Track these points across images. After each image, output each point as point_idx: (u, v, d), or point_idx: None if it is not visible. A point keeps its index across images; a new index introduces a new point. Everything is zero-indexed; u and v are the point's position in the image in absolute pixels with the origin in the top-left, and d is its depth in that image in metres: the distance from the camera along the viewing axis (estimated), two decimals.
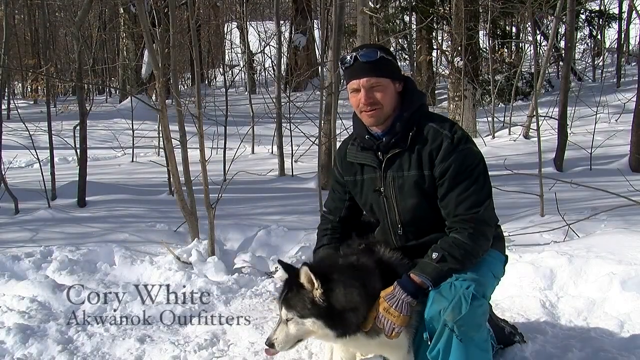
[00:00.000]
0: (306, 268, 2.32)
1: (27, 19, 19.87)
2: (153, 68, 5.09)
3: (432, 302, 2.32)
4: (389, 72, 2.53)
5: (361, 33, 6.67)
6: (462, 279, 2.33)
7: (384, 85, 2.50)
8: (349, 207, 2.80)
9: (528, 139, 10.03)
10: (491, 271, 2.54)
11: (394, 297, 2.34)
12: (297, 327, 2.36)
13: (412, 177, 2.50)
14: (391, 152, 2.54)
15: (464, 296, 2.26)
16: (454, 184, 2.43)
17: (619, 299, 3.50)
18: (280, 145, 8.80)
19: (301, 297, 2.33)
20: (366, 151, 2.62)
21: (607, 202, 5.35)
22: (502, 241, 2.74)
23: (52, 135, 7.08)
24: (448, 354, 2.30)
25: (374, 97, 2.49)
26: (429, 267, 2.37)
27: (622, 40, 16.40)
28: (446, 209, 2.47)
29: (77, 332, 3.46)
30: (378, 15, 13.77)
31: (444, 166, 2.44)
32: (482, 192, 2.45)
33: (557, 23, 10.68)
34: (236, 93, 19.85)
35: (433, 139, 2.48)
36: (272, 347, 2.40)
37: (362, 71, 2.49)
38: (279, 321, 2.43)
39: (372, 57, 2.49)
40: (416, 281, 2.36)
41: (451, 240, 2.41)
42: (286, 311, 2.36)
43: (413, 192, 2.51)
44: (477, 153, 2.51)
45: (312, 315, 2.31)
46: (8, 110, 14.18)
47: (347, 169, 2.72)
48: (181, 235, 5.28)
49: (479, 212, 2.42)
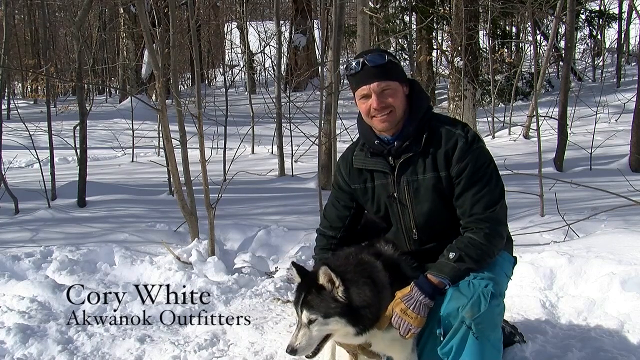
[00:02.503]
0: (326, 267, 2.31)
1: (27, 19, 19.90)
2: (153, 68, 5.09)
3: (450, 299, 2.31)
4: (397, 76, 2.52)
5: (361, 33, 6.66)
6: (480, 277, 2.33)
7: (394, 88, 2.49)
8: (354, 215, 2.76)
9: (528, 139, 10.03)
10: (504, 271, 2.55)
11: (412, 299, 2.32)
12: (320, 329, 2.32)
13: (428, 180, 2.48)
14: (403, 156, 2.51)
15: (483, 294, 2.26)
16: (470, 183, 2.44)
17: (619, 299, 3.50)
18: (280, 145, 8.80)
19: (323, 297, 2.31)
20: (376, 157, 2.58)
21: (607, 202, 5.35)
22: (510, 242, 2.74)
23: (52, 135, 7.09)
24: (461, 351, 2.29)
25: (386, 101, 2.47)
26: (447, 267, 2.37)
27: (622, 40, 16.41)
28: (461, 208, 2.46)
29: (77, 332, 3.46)
30: (378, 15, 13.76)
31: (460, 166, 2.44)
32: (496, 190, 2.46)
33: (557, 23, 10.68)
34: (236, 93, 19.87)
35: (447, 140, 2.47)
36: (294, 353, 2.33)
37: (372, 76, 2.47)
38: (297, 326, 2.37)
39: (381, 61, 2.48)
40: (434, 282, 2.35)
41: (467, 240, 2.41)
42: (308, 313, 2.31)
43: (430, 196, 2.50)
44: (488, 152, 2.54)
45: (335, 314, 2.29)
46: (8, 110, 14.21)
47: (354, 177, 2.67)
48: (181, 235, 5.28)
49: (494, 211, 2.43)
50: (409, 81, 2.59)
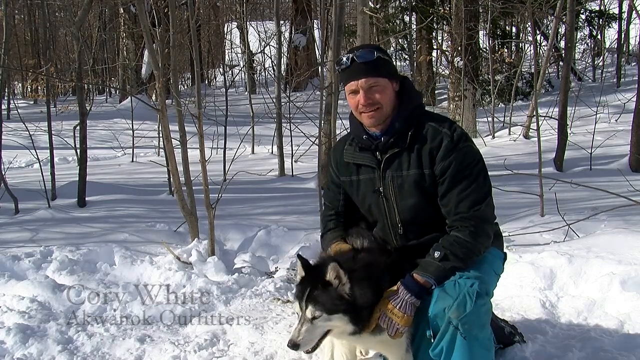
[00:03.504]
0: (335, 264, 2.31)
1: (27, 19, 19.88)
2: (153, 68, 5.09)
3: (437, 300, 2.32)
4: (386, 72, 2.53)
5: (361, 33, 6.66)
6: (465, 277, 2.33)
7: (383, 85, 2.51)
8: (344, 205, 2.81)
9: (528, 139, 10.03)
10: (492, 269, 2.55)
11: (398, 298, 2.34)
12: (323, 324, 2.33)
13: (412, 176, 2.50)
14: (390, 151, 2.54)
15: (468, 294, 2.26)
16: (454, 182, 2.44)
17: (619, 299, 3.50)
18: (280, 145, 8.80)
19: (329, 293, 2.31)
20: (364, 151, 2.62)
21: (607, 202, 5.34)
22: (500, 238, 2.75)
23: (52, 135, 7.09)
24: (451, 352, 2.30)
25: (373, 98, 2.50)
26: (432, 266, 2.38)
27: (622, 40, 16.41)
28: (447, 207, 2.47)
29: (77, 332, 3.46)
30: (378, 15, 13.76)
31: (444, 164, 2.45)
32: (482, 189, 2.46)
33: (557, 23, 10.68)
34: (236, 93, 19.86)
35: (433, 138, 2.49)
36: (296, 348, 2.32)
37: (360, 72, 2.49)
38: (300, 321, 2.37)
39: (370, 57, 2.49)
40: (420, 281, 2.36)
41: (452, 238, 2.42)
42: (313, 309, 2.31)
43: (413, 192, 2.52)
44: (476, 151, 2.53)
45: (340, 310, 2.30)
46: (8, 110, 14.20)
47: (343, 170, 2.72)
48: (181, 235, 5.28)
49: (479, 210, 2.43)
50: (399, 78, 2.60)
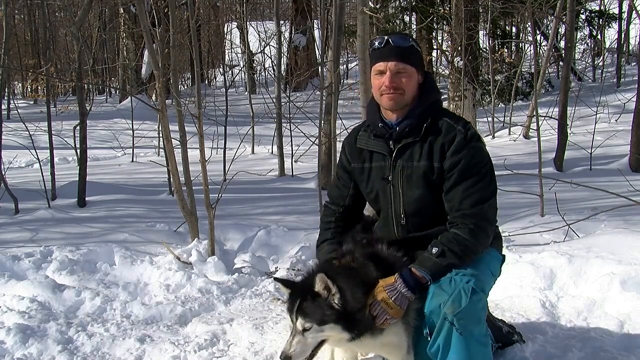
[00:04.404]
0: (323, 275, 2.32)
1: (27, 19, 19.88)
2: (153, 68, 5.09)
3: (432, 296, 2.33)
4: (415, 62, 2.58)
5: (361, 33, 6.63)
6: (461, 273, 2.34)
7: (410, 72, 2.55)
8: (353, 195, 2.80)
9: (528, 139, 10.03)
10: (489, 269, 2.56)
11: (395, 290, 2.35)
12: (315, 335, 2.34)
13: (421, 168, 2.52)
14: (403, 141, 2.56)
15: (463, 290, 2.27)
16: (462, 178, 2.46)
17: (619, 299, 3.50)
18: (280, 145, 8.80)
19: (318, 304, 2.32)
20: (378, 139, 2.64)
21: (607, 202, 5.34)
22: (499, 240, 2.76)
23: (52, 135, 7.08)
24: (448, 349, 2.30)
25: (398, 82, 2.53)
26: (429, 262, 2.39)
27: (622, 40, 16.40)
28: (450, 202, 2.49)
29: (77, 332, 3.46)
30: (378, 15, 13.74)
31: (454, 160, 2.47)
32: (487, 189, 2.48)
33: (557, 23, 10.68)
34: (236, 93, 19.85)
35: (446, 132, 2.52)
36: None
37: (392, 54, 2.54)
38: (291, 333, 2.38)
39: (404, 43, 2.56)
40: (417, 275, 2.37)
41: (451, 235, 2.43)
42: (303, 321, 2.32)
43: (420, 183, 2.53)
44: (487, 153, 2.57)
45: (330, 320, 2.31)
46: (8, 110, 14.20)
47: (355, 156, 2.73)
48: (181, 235, 5.28)
49: (482, 209, 2.44)
50: (424, 72, 2.65)
